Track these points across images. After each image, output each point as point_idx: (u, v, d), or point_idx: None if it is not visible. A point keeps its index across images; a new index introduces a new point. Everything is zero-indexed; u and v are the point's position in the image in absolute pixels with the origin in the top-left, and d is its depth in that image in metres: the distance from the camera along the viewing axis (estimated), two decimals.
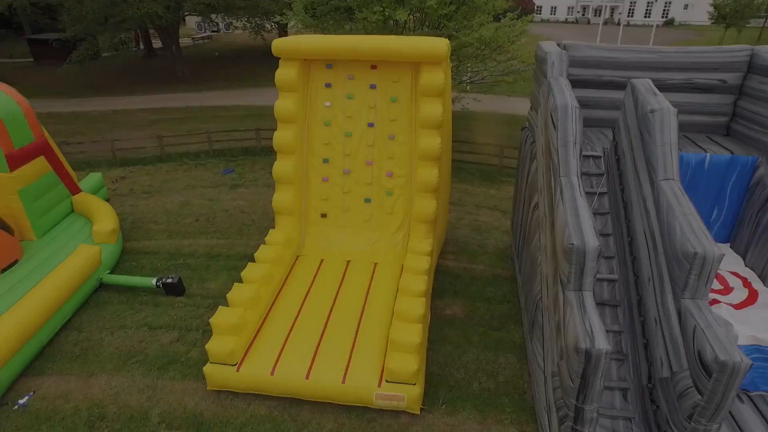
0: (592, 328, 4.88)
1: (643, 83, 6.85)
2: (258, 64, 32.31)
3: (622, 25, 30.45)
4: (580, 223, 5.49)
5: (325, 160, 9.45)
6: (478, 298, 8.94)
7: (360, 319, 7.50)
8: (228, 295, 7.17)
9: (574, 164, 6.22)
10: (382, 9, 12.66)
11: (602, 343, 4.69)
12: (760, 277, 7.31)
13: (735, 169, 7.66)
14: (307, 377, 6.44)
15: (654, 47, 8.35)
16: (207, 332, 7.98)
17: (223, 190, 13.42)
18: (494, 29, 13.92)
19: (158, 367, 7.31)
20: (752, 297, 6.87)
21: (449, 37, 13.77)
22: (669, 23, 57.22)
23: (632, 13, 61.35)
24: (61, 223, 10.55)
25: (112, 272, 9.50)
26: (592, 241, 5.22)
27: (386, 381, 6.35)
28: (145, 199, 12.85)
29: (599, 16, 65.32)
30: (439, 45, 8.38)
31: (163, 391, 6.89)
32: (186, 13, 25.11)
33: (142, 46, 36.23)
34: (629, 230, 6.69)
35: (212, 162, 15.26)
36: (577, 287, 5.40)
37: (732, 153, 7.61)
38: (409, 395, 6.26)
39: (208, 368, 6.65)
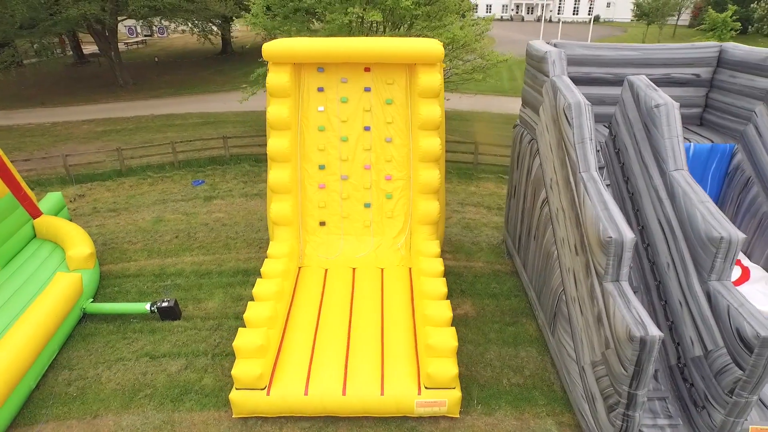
0: (641, 316, 5.07)
1: (642, 79, 7.22)
2: (202, 69, 30.96)
3: (561, 23, 32.14)
4: (612, 216, 5.69)
5: (321, 167, 9.17)
6: (485, 295, 9.06)
7: (381, 327, 7.35)
8: (245, 316, 6.76)
9: (593, 159, 6.44)
10: (354, 11, 12.47)
11: (654, 330, 4.89)
12: (746, 254, 7.99)
13: (715, 156, 8.28)
14: (343, 393, 6.21)
15: (635, 45, 8.84)
16: (216, 356, 7.51)
17: (198, 203, 12.67)
18: (459, 28, 14.18)
19: (171, 400, 6.75)
20: (745, 274, 7.47)
21: (419, 36, 13.86)
22: (595, 20, 61.08)
23: (561, 10, 64.97)
24: (24, 250, 9.52)
25: (94, 300, 8.67)
26: (629, 233, 5.43)
27: (425, 387, 6.27)
28: (113, 218, 11.86)
29: (532, 13, 68.67)
30: (435, 46, 8.39)
31: (182, 425, 6.38)
32: (124, 17, 23.34)
33: (70, 52, 33.45)
34: (638, 219, 7.04)
35: (179, 174, 14.36)
36: (614, 278, 5.59)
37: (712, 142, 8.24)
38: (450, 400, 6.22)
39: (234, 395, 6.22)
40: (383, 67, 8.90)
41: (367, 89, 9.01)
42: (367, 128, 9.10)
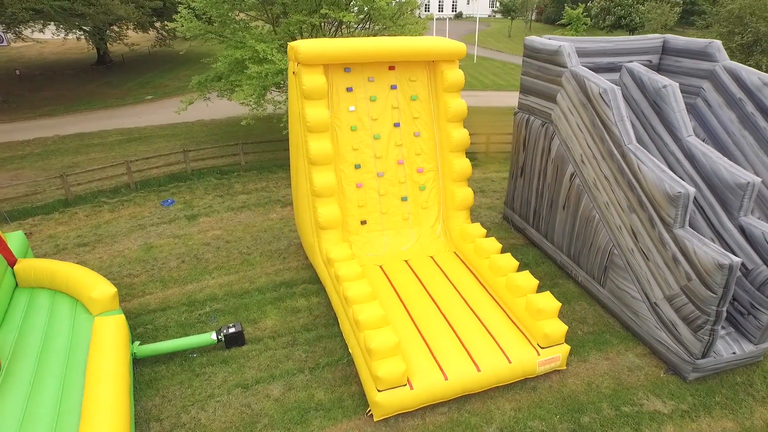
0: (720, 249, 6.42)
1: (639, 66, 8.78)
2: (86, 82, 27.08)
3: (448, 19, 34.76)
4: (671, 176, 7.00)
5: (357, 166, 9.22)
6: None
7: (468, 306, 7.84)
8: (361, 319, 6.68)
9: (632, 133, 7.73)
10: (326, 11, 12.45)
11: (735, 258, 6.26)
12: None
13: None
14: (478, 370, 6.61)
15: (608, 38, 10.50)
16: (313, 370, 7.27)
17: (182, 223, 11.53)
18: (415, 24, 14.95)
19: (296, 423, 6.42)
20: None
21: (380, 35, 14.31)
22: (458, 16, 66.75)
23: (428, 8, 69.70)
24: (13, 303, 7.92)
25: (141, 343, 7.62)
26: (690, 188, 6.77)
27: (541, 347, 6.98)
28: (89, 253, 10.24)
29: None
30: (458, 44, 9.04)
31: None
32: None
33: None
34: None
35: (140, 195, 12.78)
36: (681, 225, 6.91)
37: None
38: (562, 354, 7.02)
39: (379, 397, 6.20)
40: (406, 65, 9.26)
41: (394, 87, 9.29)
42: (396, 124, 9.39)
